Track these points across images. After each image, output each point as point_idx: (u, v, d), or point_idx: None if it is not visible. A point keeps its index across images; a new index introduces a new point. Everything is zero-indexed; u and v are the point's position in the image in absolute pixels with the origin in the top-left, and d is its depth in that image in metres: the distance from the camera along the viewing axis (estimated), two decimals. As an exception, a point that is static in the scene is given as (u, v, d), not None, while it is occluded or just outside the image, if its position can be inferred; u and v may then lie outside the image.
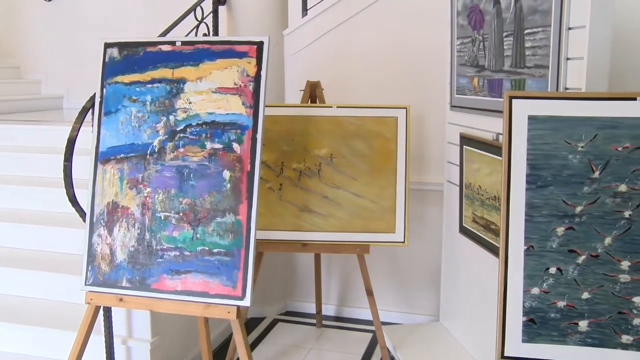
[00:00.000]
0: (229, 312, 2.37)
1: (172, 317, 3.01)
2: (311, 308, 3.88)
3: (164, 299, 2.44)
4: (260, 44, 2.53)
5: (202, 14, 3.50)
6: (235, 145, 2.48)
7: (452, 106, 3.18)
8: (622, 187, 2.05)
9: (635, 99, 2.06)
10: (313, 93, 3.31)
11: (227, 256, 2.42)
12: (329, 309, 3.93)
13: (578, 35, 2.26)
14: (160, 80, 2.56)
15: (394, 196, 3.05)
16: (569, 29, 2.31)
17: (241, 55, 2.53)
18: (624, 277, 2.04)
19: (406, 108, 3.07)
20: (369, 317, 3.22)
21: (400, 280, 3.79)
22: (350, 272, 3.86)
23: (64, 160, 2.61)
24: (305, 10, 3.94)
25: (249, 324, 3.79)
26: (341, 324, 3.83)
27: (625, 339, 2.04)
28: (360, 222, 3.08)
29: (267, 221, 3.10)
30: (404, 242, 3.05)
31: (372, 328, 3.29)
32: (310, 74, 3.60)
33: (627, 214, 2.05)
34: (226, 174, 2.47)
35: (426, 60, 3.52)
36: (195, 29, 3.45)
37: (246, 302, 2.38)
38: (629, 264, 2.04)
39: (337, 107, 3.13)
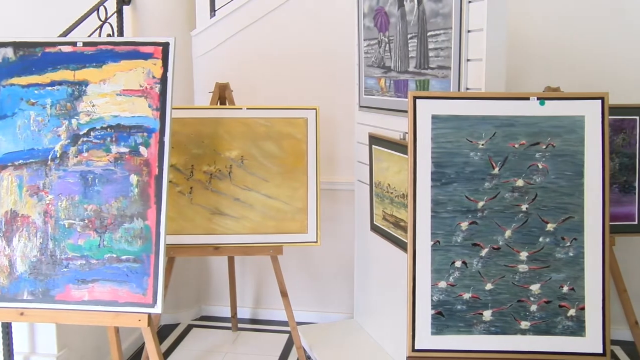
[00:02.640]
0: (139, 320, 2.31)
1: (80, 329, 2.89)
2: (226, 312, 3.84)
3: (70, 310, 2.34)
4: (166, 45, 2.48)
5: (106, 14, 3.38)
6: (142, 149, 2.42)
7: (360, 106, 3.24)
8: (520, 182, 2.16)
9: (529, 98, 2.18)
10: (222, 95, 3.28)
11: (136, 263, 2.35)
12: (244, 312, 3.90)
13: (476, 37, 2.36)
14: (60, 83, 2.45)
15: (306, 197, 3.08)
16: (468, 31, 2.41)
17: (146, 56, 2.47)
18: (523, 267, 2.16)
19: (316, 109, 3.10)
20: (285, 318, 3.23)
21: (315, 280, 3.82)
22: (264, 274, 3.85)
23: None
24: (213, 11, 3.90)
25: (162, 331, 3.70)
26: (257, 326, 3.81)
27: (524, 324, 2.15)
28: (272, 224, 3.08)
29: (178, 225, 3.04)
30: (316, 241, 3.08)
31: (288, 329, 3.30)
32: (220, 75, 3.56)
33: (524, 207, 2.16)
34: (133, 178, 2.40)
35: (335, 61, 3.56)
36: (98, 30, 3.34)
37: (157, 309, 2.32)
38: (527, 254, 2.16)
39: (247, 108, 3.11)
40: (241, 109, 3.11)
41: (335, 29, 3.53)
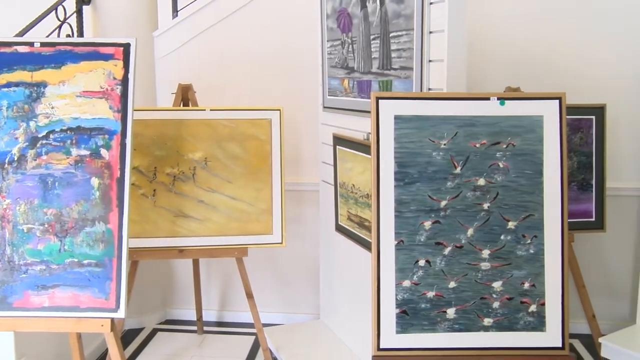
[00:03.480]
0: (102, 326, 2.27)
1: (40, 336, 2.83)
2: (192, 315, 3.80)
3: (29, 317, 2.29)
4: (127, 46, 2.45)
5: (65, 13, 3.32)
6: (103, 151, 2.38)
7: (324, 107, 3.25)
8: (481, 181, 2.20)
9: (489, 98, 2.21)
10: (185, 96, 3.25)
11: (98, 267, 2.32)
12: (210, 315, 3.88)
13: (438, 38, 2.39)
14: (17, 84, 2.39)
15: (270, 198, 3.07)
16: (430, 32, 2.43)
17: (107, 57, 2.43)
18: (485, 265, 2.19)
19: (280, 110, 3.10)
20: (251, 320, 3.22)
21: (281, 281, 3.81)
22: (230, 276, 3.83)
23: None
24: (175, 11, 3.86)
25: (127, 336, 3.65)
26: (223, 328, 3.79)
27: (487, 321, 2.18)
28: (237, 225, 3.06)
29: (141, 228, 3.00)
30: (281, 242, 3.07)
31: (255, 331, 3.28)
32: (183, 76, 3.53)
33: (485, 206, 2.20)
34: (94, 181, 2.37)
35: (299, 62, 3.57)
36: (57, 30, 3.27)
37: (121, 314, 2.29)
38: (489, 252, 2.19)
39: (211, 110, 3.09)
40: (204, 110, 3.09)
41: (299, 30, 3.54)
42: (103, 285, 2.30)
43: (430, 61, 2.45)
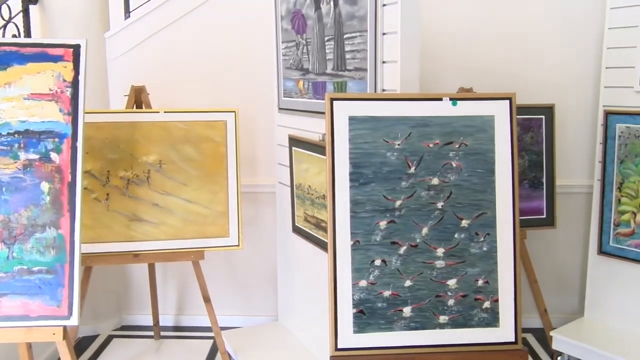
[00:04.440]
0: (54, 334, 2.22)
1: (-12, 346, 2.75)
2: (148, 320, 3.74)
3: (-24, 327, 2.22)
4: (77, 47, 2.40)
5: (10, 13, 3.23)
6: (53, 155, 2.33)
7: (280, 109, 3.25)
8: (435, 181, 2.23)
9: (441, 99, 2.25)
10: (138, 98, 3.20)
11: (49, 274, 2.26)
12: (167, 320, 3.82)
13: (391, 40, 2.41)
14: (-40, 86, 2.32)
15: (226, 200, 3.05)
16: (384, 34, 2.45)
17: (56, 59, 2.38)
18: (440, 263, 2.22)
19: (235, 111, 3.08)
20: (209, 324, 3.19)
21: (239, 284, 3.79)
22: (187, 280, 3.78)
23: None
24: (128, 12, 3.80)
25: (81, 344, 3.57)
26: (180, 333, 3.74)
27: (442, 319, 2.22)
28: (193, 228, 3.03)
29: (94, 233, 2.94)
30: (238, 245, 3.06)
31: (212, 334, 3.26)
32: (136, 78, 3.47)
33: (439, 205, 2.23)
34: (44, 186, 2.31)
35: (254, 63, 3.55)
36: (2, 30, 3.18)
37: (73, 321, 2.24)
38: (443, 250, 2.22)
39: (165, 112, 3.06)
40: (158, 112, 3.05)
41: (254, 31, 3.52)
42: (55, 293, 2.24)
43: (384, 62, 2.47)
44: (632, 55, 3.04)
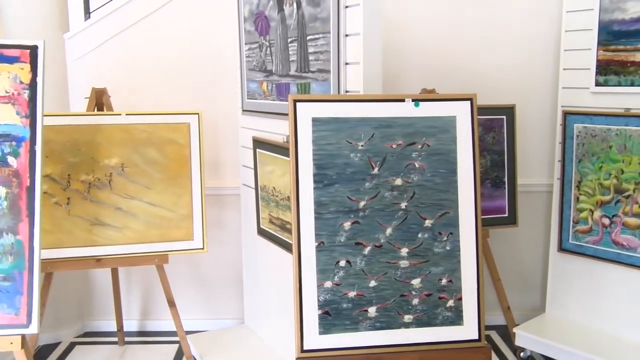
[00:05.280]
0: (12, 343, 2.17)
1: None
2: (112, 326, 3.68)
3: None
4: (34, 49, 2.35)
5: (-35, 14, 3.15)
6: (10, 159, 2.28)
7: (243, 110, 3.23)
8: (398, 181, 2.25)
9: (404, 100, 2.27)
10: (100, 100, 3.15)
11: (7, 281, 2.21)
12: (131, 325, 3.77)
13: (354, 42, 2.43)
14: None
15: (190, 203, 3.02)
16: (346, 36, 2.47)
17: (12, 60, 2.33)
18: (404, 263, 2.24)
19: (198, 114, 3.06)
20: (174, 328, 3.15)
21: (204, 287, 3.76)
22: (151, 284, 3.73)
23: None
24: (88, 13, 3.74)
25: (41, 352, 3.49)
26: (145, 338, 3.69)
27: (407, 318, 2.24)
28: (157, 232, 3.00)
29: (55, 238, 2.88)
30: (203, 248, 3.03)
31: (178, 339, 3.22)
32: (97, 80, 3.42)
33: (403, 205, 2.25)
34: (1, 190, 2.26)
35: (218, 65, 3.53)
36: (-44, 31, 3.10)
37: (33, 329, 2.19)
38: (407, 250, 2.24)
39: (127, 114, 3.02)
40: (120, 115, 3.01)
41: (217, 33, 3.50)
42: (12, 300, 2.19)
43: (347, 64, 2.48)
44: (587, 58, 3.12)
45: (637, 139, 2.92)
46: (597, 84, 3.09)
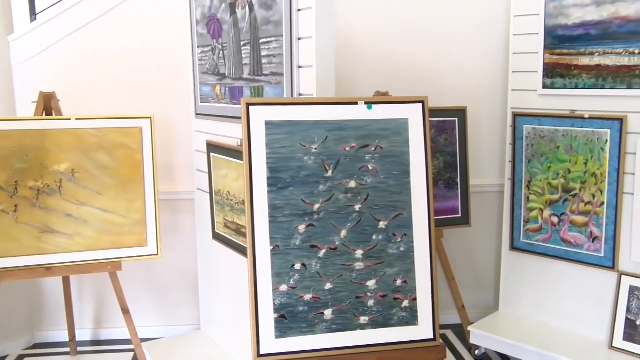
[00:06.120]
0: (-44, 356, 2.09)
1: None
2: (64, 336, 3.59)
3: None
4: (-24, 52, 2.28)
5: None
6: (-48, 166, 2.20)
7: (197, 114, 3.20)
8: (352, 184, 2.26)
9: (357, 103, 2.28)
10: (48, 105, 3.07)
11: (-50, 292, 2.13)
12: (84, 334, 3.68)
13: (307, 45, 2.43)
14: None
15: (144, 208, 2.98)
16: (299, 39, 2.47)
17: (-47, 64, 2.25)
18: (359, 265, 2.25)
19: (150, 118, 3.02)
20: (129, 336, 3.09)
21: (159, 293, 3.70)
22: (104, 292, 3.65)
23: None
24: (33, 15, 3.64)
25: (-10, 365, 3.38)
26: (99, 347, 3.61)
27: (363, 320, 2.25)
28: (109, 239, 2.94)
29: (2, 247, 2.80)
30: (157, 254, 2.99)
31: (133, 347, 3.16)
32: (45, 84, 3.33)
33: (357, 207, 2.26)
34: (-57, 198, 2.18)
35: (170, 68, 3.48)
36: None
37: (-22, 341, 2.12)
38: (362, 252, 2.26)
39: (77, 119, 2.96)
40: (70, 119, 2.94)
41: (170, 36, 3.45)
42: (-43, 312, 2.12)
43: (300, 67, 2.48)
44: (535, 61, 3.20)
45: (582, 140, 3.02)
46: (545, 86, 3.17)
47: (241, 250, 2.87)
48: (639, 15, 2.79)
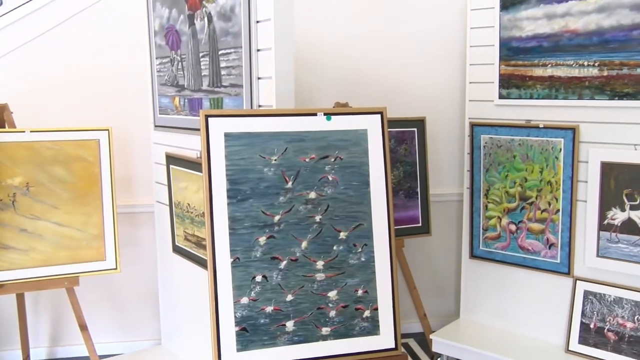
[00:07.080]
0: None
1: None
2: (17, 356, 3.48)
3: None
4: None
5: None
6: None
7: (156, 126, 3.17)
8: (312, 195, 2.26)
9: (316, 114, 2.29)
10: (0, 117, 3.00)
11: None
12: (39, 353, 3.58)
13: (266, 56, 2.43)
14: None
15: (101, 222, 2.93)
16: (258, 50, 2.47)
17: None
18: (320, 276, 2.25)
19: (108, 130, 2.97)
20: (87, 353, 3.02)
21: (118, 308, 3.63)
22: (61, 308, 3.56)
23: None
24: (-15, 24, 3.55)
25: (-60, 386, 3.26)
26: (56, 365, 3.53)
27: (325, 331, 2.25)
28: (66, 254, 2.88)
29: (-48, 264, 2.71)
30: (116, 268, 2.94)
31: (91, 364, 3.10)
32: (-3, 95, 3.26)
33: (317, 218, 2.26)
34: None
35: (128, 80, 3.44)
36: None
37: None
38: (323, 263, 2.26)
39: (31, 131, 2.89)
40: (24, 132, 2.88)
41: (127, 46, 3.41)
42: None
43: (259, 78, 2.48)
44: (491, 72, 3.27)
45: (537, 149, 3.09)
46: (501, 96, 3.24)
47: (202, 263, 2.84)
48: (587, 28, 2.88)
